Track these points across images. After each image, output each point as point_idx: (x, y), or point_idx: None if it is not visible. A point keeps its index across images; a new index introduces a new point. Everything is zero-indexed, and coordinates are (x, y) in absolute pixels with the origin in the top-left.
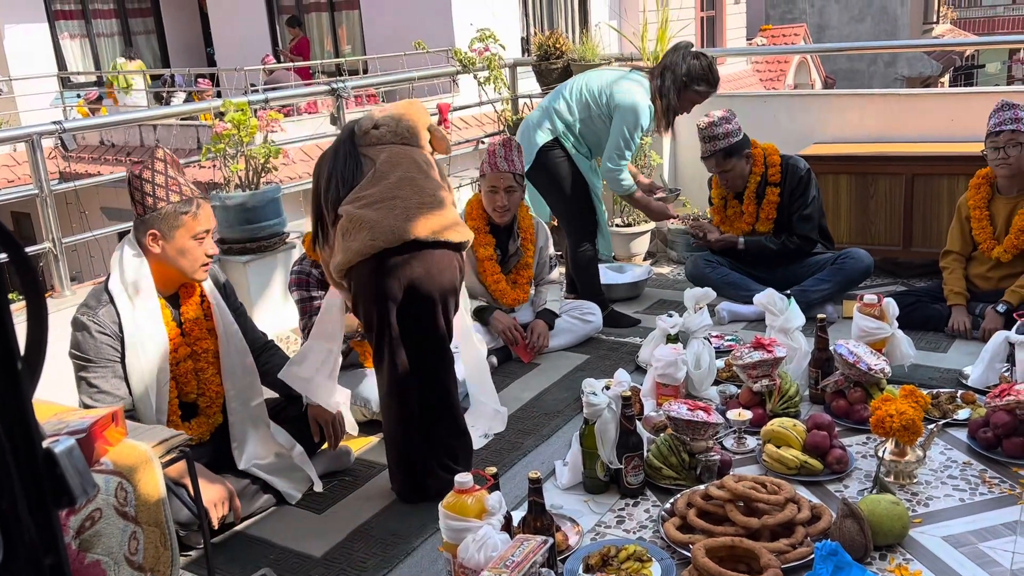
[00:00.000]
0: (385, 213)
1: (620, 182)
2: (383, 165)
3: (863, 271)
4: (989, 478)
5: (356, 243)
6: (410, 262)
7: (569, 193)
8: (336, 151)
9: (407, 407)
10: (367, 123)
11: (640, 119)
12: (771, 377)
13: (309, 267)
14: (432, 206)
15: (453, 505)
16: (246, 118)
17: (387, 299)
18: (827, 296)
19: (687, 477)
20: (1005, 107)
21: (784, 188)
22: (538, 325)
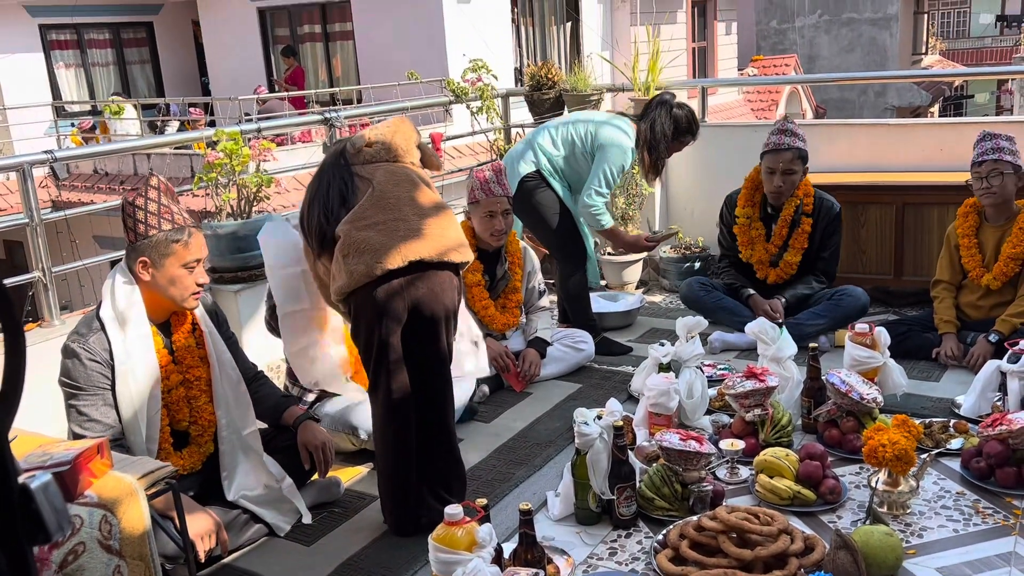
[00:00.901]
0: (389, 235)
1: (597, 217)
2: (382, 185)
3: (859, 309)
4: (983, 508)
5: (360, 266)
6: (414, 282)
7: (554, 222)
8: (326, 171)
9: (404, 434)
10: (359, 142)
11: (624, 160)
12: (763, 406)
13: None
14: (435, 225)
15: (443, 537)
16: (239, 147)
17: (391, 320)
18: (821, 331)
19: (680, 508)
20: (987, 138)
21: (817, 223)
22: (529, 354)
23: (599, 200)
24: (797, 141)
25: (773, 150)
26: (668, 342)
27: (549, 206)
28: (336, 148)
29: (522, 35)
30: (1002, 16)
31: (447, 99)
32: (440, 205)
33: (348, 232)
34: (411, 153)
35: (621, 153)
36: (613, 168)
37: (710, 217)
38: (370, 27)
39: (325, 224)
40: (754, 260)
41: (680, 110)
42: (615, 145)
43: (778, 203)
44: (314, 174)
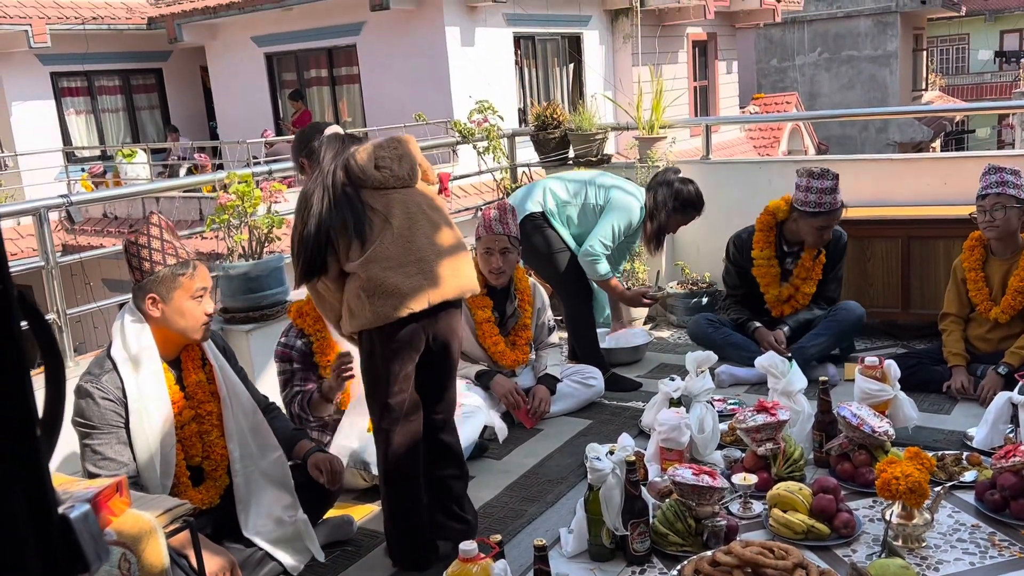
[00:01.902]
0: (413, 278)
1: (595, 267)
2: (399, 220)
3: (856, 321)
4: (999, 541)
5: (387, 308)
6: (435, 318)
7: (557, 260)
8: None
9: (415, 467)
10: (366, 162)
11: (631, 219)
12: (775, 440)
13: (295, 339)
14: (452, 265)
15: (458, 574)
16: (250, 189)
17: (412, 353)
18: (824, 349)
19: (693, 543)
20: (991, 171)
21: (828, 252)
22: (540, 390)
23: (600, 250)
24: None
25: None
26: (678, 377)
27: (552, 244)
28: (339, 164)
29: (525, 77)
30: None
31: (454, 140)
32: (456, 241)
33: (373, 273)
34: (418, 173)
35: (629, 212)
36: (620, 223)
37: (716, 253)
38: (376, 71)
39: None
40: (774, 299)
41: (684, 185)
42: (625, 206)
43: (795, 240)
44: (313, 191)
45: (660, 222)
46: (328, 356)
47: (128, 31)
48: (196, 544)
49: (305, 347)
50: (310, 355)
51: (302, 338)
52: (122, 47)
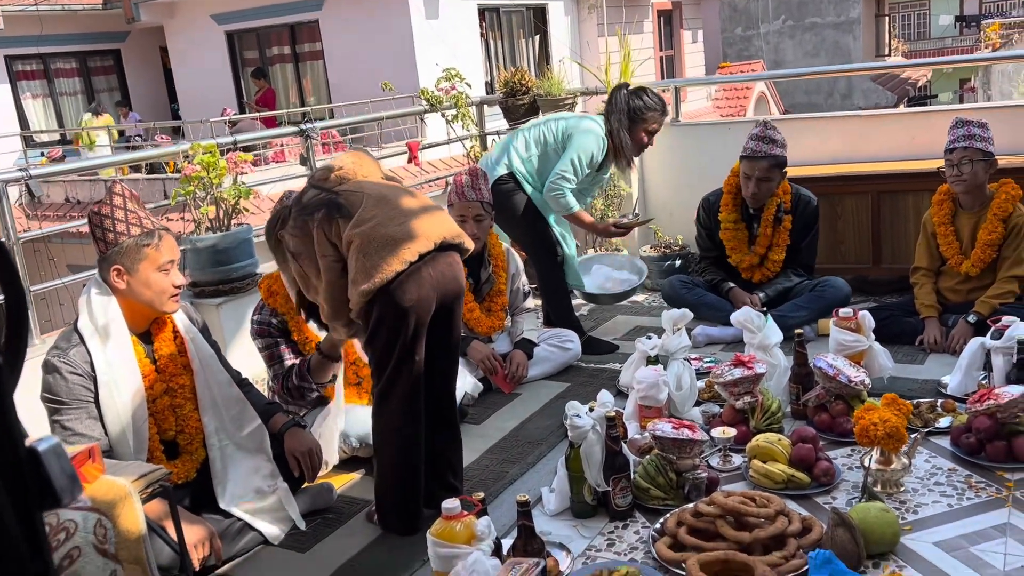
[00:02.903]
0: (405, 226)
1: (561, 201)
2: (376, 188)
3: (842, 300)
4: (975, 483)
5: (388, 257)
6: (438, 266)
7: (527, 225)
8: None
9: (418, 432)
10: (328, 165)
11: (593, 149)
12: (753, 394)
13: (269, 316)
14: (439, 214)
15: (442, 532)
16: (215, 160)
17: (423, 310)
18: (804, 322)
19: (675, 496)
20: (959, 124)
21: (796, 218)
22: (517, 355)
23: (564, 185)
24: (775, 148)
25: (750, 156)
26: (655, 335)
27: (522, 209)
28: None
29: (491, 49)
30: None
31: (422, 108)
32: (432, 203)
33: (364, 233)
34: (378, 173)
35: (590, 143)
36: (582, 155)
37: (688, 215)
38: (339, 46)
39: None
40: (743, 265)
41: (634, 96)
42: (584, 135)
43: (757, 205)
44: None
45: (622, 139)
46: (305, 333)
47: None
48: (174, 512)
49: (281, 324)
50: (288, 332)
51: (276, 316)
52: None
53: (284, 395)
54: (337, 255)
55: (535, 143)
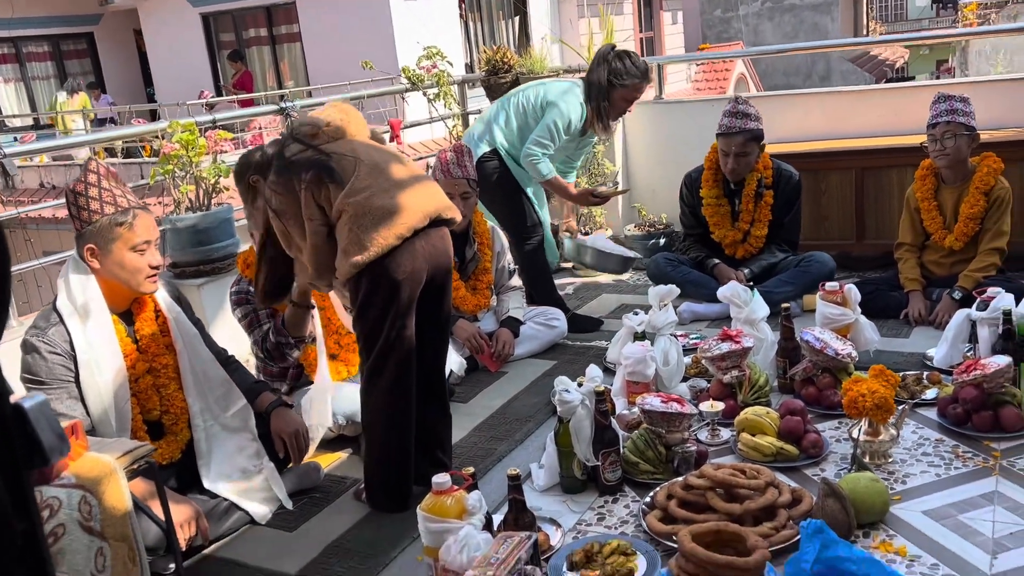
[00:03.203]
0: (398, 198)
1: (537, 166)
2: (366, 155)
3: (827, 275)
4: (962, 452)
5: (380, 231)
6: (430, 240)
7: (509, 202)
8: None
9: (409, 407)
10: (316, 121)
11: (569, 113)
12: (740, 368)
13: (246, 286)
14: (430, 185)
15: (432, 507)
16: (194, 138)
17: (414, 282)
18: (789, 297)
19: (665, 470)
20: (941, 99)
21: (778, 193)
22: (503, 333)
23: (538, 150)
24: (749, 123)
25: (725, 133)
26: (642, 311)
27: (502, 186)
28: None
29: (470, 30)
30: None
31: (403, 87)
32: (421, 172)
33: (357, 204)
34: (365, 130)
35: (566, 106)
36: (559, 121)
37: (671, 194)
38: (317, 28)
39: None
40: (727, 241)
41: (618, 58)
42: (561, 101)
43: (736, 180)
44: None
45: (600, 103)
46: None
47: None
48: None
49: None
50: None
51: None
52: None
53: (266, 359)
54: (324, 219)
55: (515, 115)
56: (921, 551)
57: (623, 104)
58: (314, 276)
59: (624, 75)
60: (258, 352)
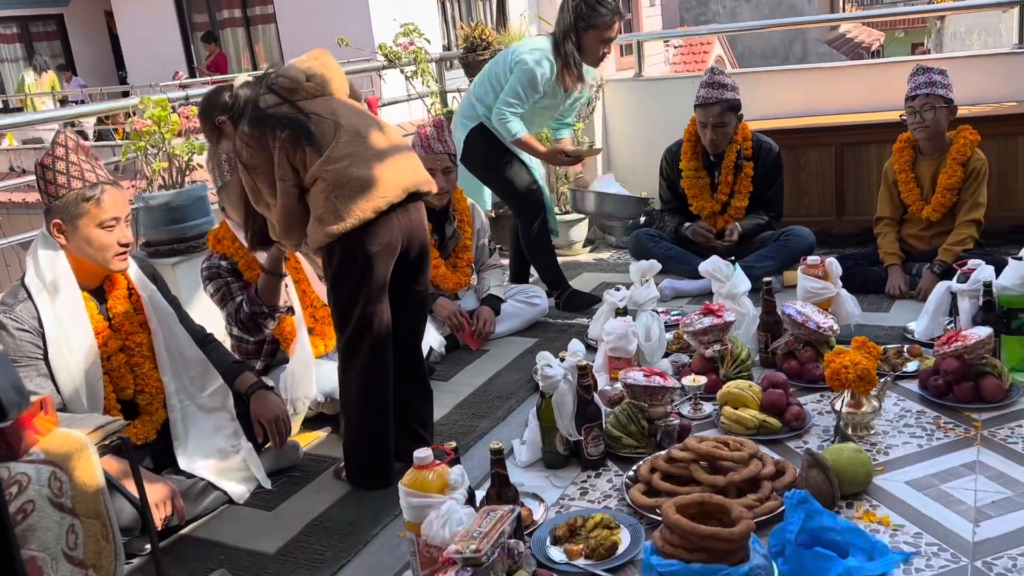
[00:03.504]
0: (377, 169)
1: (507, 126)
2: (347, 120)
3: (806, 248)
4: (944, 423)
5: (358, 203)
6: (407, 213)
7: (506, 173)
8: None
9: (386, 382)
10: (297, 76)
11: (535, 69)
12: (722, 342)
13: (218, 260)
14: (409, 157)
15: (414, 482)
16: (166, 114)
17: (389, 255)
18: (770, 272)
19: (647, 444)
20: (920, 72)
21: (758, 165)
22: (484, 311)
23: (507, 110)
24: (726, 92)
25: (703, 104)
26: (623, 286)
27: (497, 157)
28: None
29: (447, 9)
30: None
31: (380, 64)
32: (402, 141)
33: (335, 172)
34: (345, 86)
35: (532, 65)
36: (523, 78)
37: (653, 170)
38: (292, 10)
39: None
40: (706, 212)
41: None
42: (527, 55)
43: (716, 151)
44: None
45: (570, 53)
46: (254, 270)
47: None
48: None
49: (231, 266)
50: (239, 273)
51: (224, 259)
52: None
53: (241, 331)
54: (297, 181)
55: (490, 85)
56: (904, 520)
57: (598, 46)
58: (281, 235)
59: (592, 15)
60: (233, 326)
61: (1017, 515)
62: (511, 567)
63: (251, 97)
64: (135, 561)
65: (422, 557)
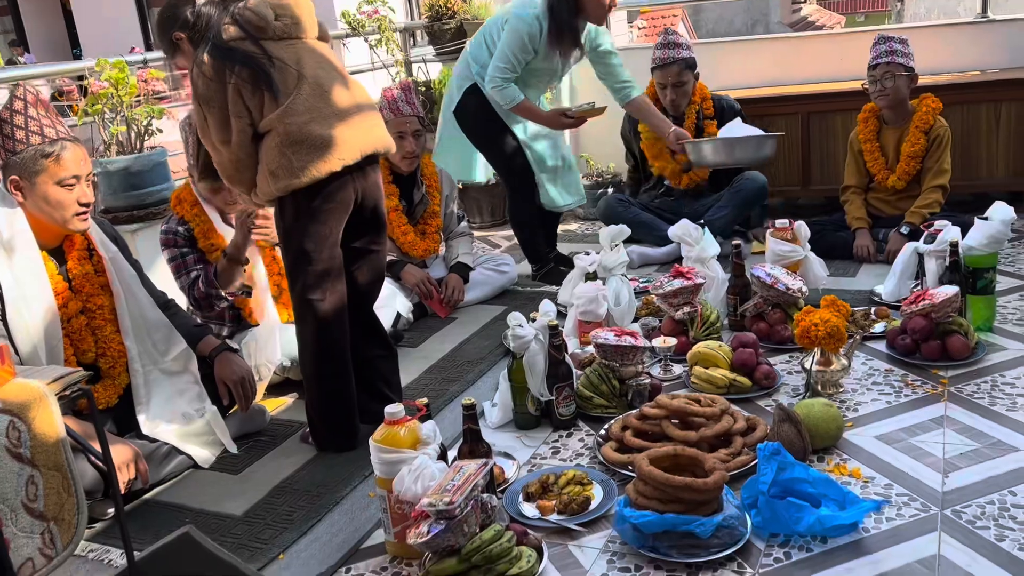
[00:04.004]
0: (337, 128)
1: (503, 93)
2: (312, 71)
3: (758, 190)
4: (911, 381)
5: (314, 161)
6: (362, 172)
7: (494, 139)
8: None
9: (343, 340)
10: (266, 13)
11: (523, 31)
12: (692, 304)
13: (176, 225)
14: (372, 117)
15: (385, 437)
16: (125, 76)
17: (341, 211)
18: (729, 221)
19: (619, 404)
20: (881, 41)
21: (721, 123)
22: (452, 279)
23: (499, 77)
24: (681, 52)
25: (660, 65)
26: (593, 251)
27: (485, 123)
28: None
29: None
30: None
31: (343, 32)
32: (366, 98)
33: (293, 126)
34: (315, 26)
35: (520, 26)
36: (512, 40)
37: (619, 143)
38: None
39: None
40: (667, 172)
41: None
42: (515, 21)
43: (678, 112)
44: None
45: (563, 14)
46: (211, 240)
47: None
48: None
49: (188, 232)
50: (194, 240)
51: (182, 224)
52: None
53: (193, 307)
54: (251, 120)
55: (484, 43)
56: (875, 473)
57: (597, 10)
58: (231, 176)
59: None
60: (187, 299)
61: (984, 466)
62: (484, 520)
63: (214, 22)
64: (98, 525)
65: (393, 513)
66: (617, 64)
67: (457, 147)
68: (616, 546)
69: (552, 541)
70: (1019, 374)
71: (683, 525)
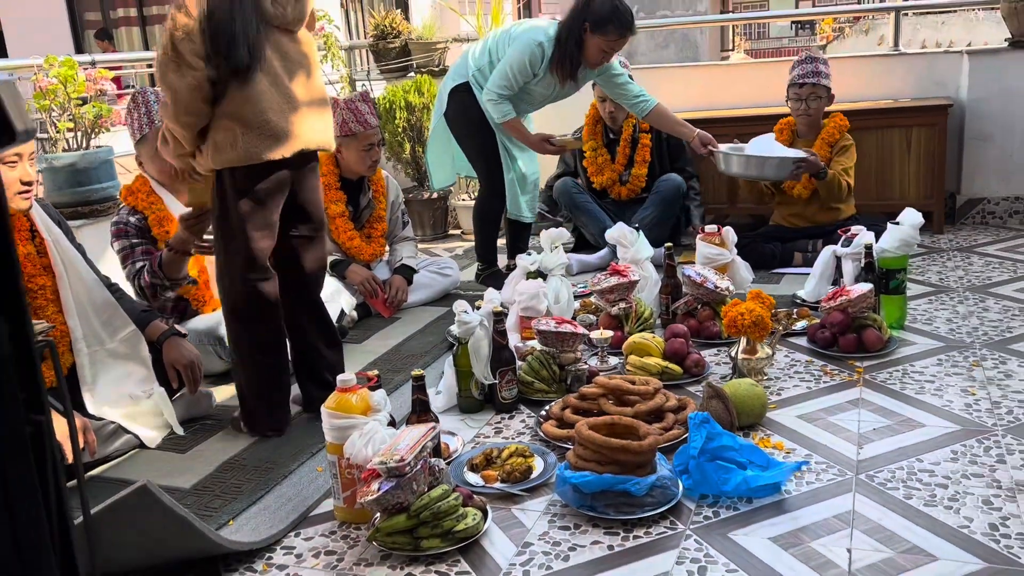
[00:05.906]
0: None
1: (495, 108)
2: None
3: (675, 189)
4: (830, 370)
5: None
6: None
7: (477, 139)
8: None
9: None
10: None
11: (527, 53)
12: (627, 300)
13: (127, 216)
14: (321, 114)
15: (337, 404)
16: (73, 73)
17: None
18: (654, 219)
19: (558, 389)
20: (808, 60)
21: (655, 135)
22: (396, 280)
23: (495, 94)
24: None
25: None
26: (534, 251)
27: (472, 121)
28: None
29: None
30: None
31: None
32: (324, 96)
33: (247, 110)
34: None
35: (524, 49)
36: (514, 61)
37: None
38: None
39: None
40: (606, 183)
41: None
42: (521, 38)
43: (616, 125)
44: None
45: (569, 48)
46: (166, 227)
47: None
48: (61, 383)
49: (140, 222)
50: (147, 229)
51: (134, 215)
52: None
53: (138, 296)
54: (207, 76)
55: (487, 51)
56: (796, 445)
57: (600, 52)
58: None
59: (605, 22)
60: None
61: (894, 439)
62: (432, 482)
63: None
64: None
65: (343, 479)
66: (628, 82)
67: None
68: (556, 508)
69: (496, 506)
70: (928, 364)
71: (619, 484)
